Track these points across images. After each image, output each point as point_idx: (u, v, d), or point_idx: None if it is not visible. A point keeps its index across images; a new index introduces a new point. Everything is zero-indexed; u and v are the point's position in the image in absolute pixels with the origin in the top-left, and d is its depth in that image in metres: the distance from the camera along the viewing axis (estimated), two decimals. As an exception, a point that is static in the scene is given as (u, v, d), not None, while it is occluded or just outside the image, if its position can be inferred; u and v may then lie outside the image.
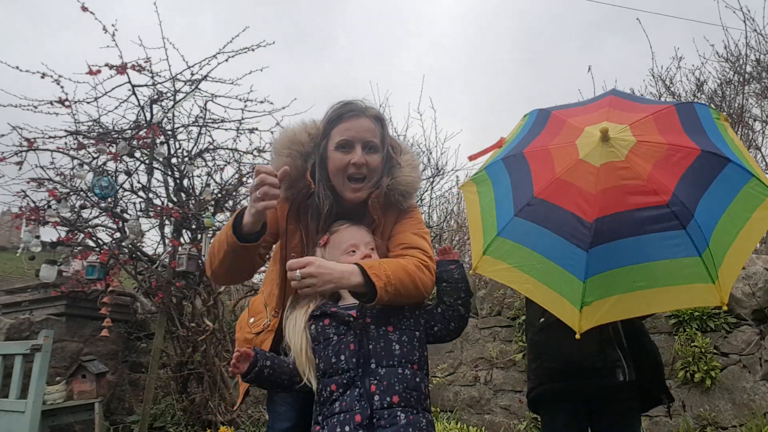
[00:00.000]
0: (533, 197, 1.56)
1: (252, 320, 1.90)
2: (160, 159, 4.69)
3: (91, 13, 4.17)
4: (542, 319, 1.96)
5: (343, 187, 1.71)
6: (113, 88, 4.46)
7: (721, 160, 1.43)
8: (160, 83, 4.58)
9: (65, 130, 4.54)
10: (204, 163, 5.04)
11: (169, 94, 4.66)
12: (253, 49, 4.59)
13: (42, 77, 4.21)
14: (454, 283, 1.67)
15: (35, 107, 4.37)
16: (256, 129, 4.97)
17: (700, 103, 1.61)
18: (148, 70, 4.48)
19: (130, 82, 4.43)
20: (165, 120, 4.75)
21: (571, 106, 1.77)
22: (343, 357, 1.55)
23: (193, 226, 4.78)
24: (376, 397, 1.51)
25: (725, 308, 1.48)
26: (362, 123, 1.71)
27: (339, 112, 1.72)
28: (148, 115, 4.59)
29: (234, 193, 5.10)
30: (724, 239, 1.40)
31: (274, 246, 1.88)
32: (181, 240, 4.75)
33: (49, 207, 4.32)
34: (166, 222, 4.84)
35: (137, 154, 4.70)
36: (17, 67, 4.21)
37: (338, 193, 1.73)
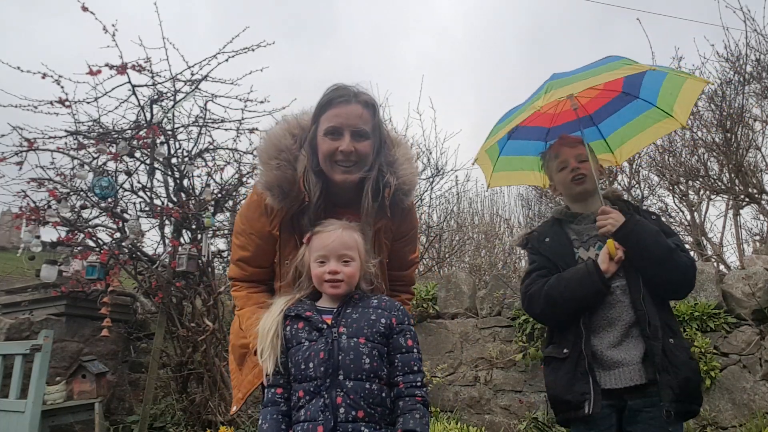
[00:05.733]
0: (519, 126, 2.33)
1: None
2: (160, 159, 4.69)
3: (92, 13, 4.17)
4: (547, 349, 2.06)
5: (332, 171, 1.69)
6: (113, 88, 4.46)
7: (630, 97, 2.28)
8: (160, 83, 4.59)
9: (65, 130, 4.54)
10: (204, 163, 5.04)
11: (169, 94, 4.66)
12: (253, 49, 4.59)
13: (42, 77, 4.21)
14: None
15: (35, 107, 4.37)
16: (256, 129, 4.97)
17: (654, 71, 2.11)
18: (148, 70, 4.48)
19: (130, 82, 4.43)
20: (165, 120, 4.75)
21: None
22: (311, 365, 1.54)
23: (193, 226, 4.78)
24: (342, 410, 1.50)
25: (618, 164, 2.58)
26: (352, 109, 1.68)
27: (329, 98, 1.70)
28: (148, 115, 4.59)
29: (234, 193, 5.11)
30: (622, 136, 2.42)
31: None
32: (181, 240, 4.75)
33: (49, 207, 4.32)
34: (166, 222, 4.84)
35: (137, 154, 4.71)
36: (18, 68, 4.21)
37: (328, 178, 1.71)
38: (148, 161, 4.68)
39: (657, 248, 1.88)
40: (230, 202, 5.13)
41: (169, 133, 4.79)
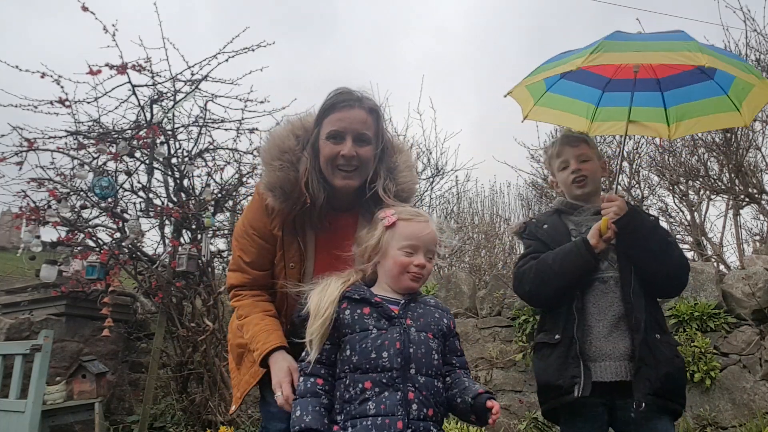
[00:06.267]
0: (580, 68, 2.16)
1: None
2: (160, 159, 4.69)
3: (92, 13, 4.17)
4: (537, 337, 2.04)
5: (333, 175, 1.69)
6: (113, 88, 4.46)
7: (705, 76, 2.16)
8: (160, 83, 4.59)
9: (65, 130, 4.55)
10: (204, 163, 5.04)
11: (169, 94, 4.66)
12: (253, 49, 4.60)
13: (42, 77, 4.21)
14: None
15: (35, 107, 4.37)
16: (256, 129, 4.98)
17: (721, 72, 2.05)
18: (148, 70, 4.48)
19: (130, 82, 4.43)
20: (165, 120, 4.75)
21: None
22: (386, 354, 1.41)
23: (193, 226, 4.78)
24: (414, 406, 1.39)
25: (670, 138, 2.41)
26: (355, 114, 1.67)
27: (333, 102, 1.69)
28: (148, 115, 4.59)
29: (234, 193, 5.11)
30: (684, 113, 2.28)
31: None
32: (181, 240, 4.75)
33: (49, 207, 4.32)
34: (166, 222, 4.84)
35: (137, 154, 4.71)
36: (17, 67, 4.22)
37: (330, 183, 1.71)
38: (148, 161, 4.68)
39: (654, 240, 1.90)
40: (230, 202, 5.14)
41: (169, 133, 4.79)
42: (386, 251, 1.56)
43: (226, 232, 5.21)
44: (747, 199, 6.07)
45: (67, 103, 4.38)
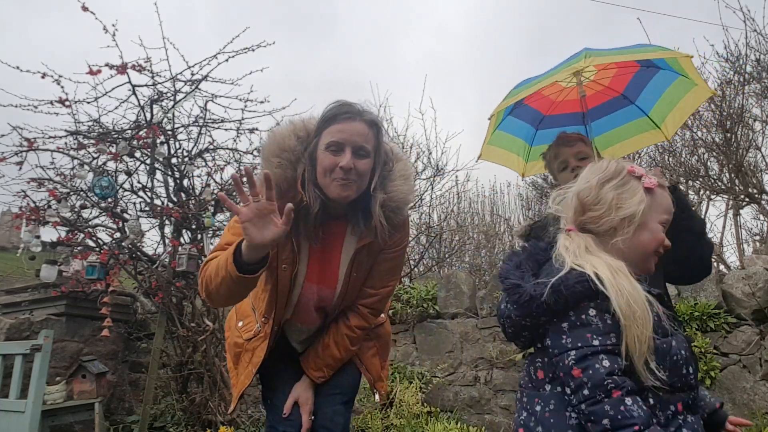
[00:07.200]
0: (522, 102, 2.31)
1: (241, 324, 1.88)
2: (160, 159, 4.69)
3: (92, 12, 4.17)
4: None
5: (329, 186, 1.66)
6: (113, 88, 4.45)
7: (654, 68, 2.25)
8: (160, 83, 4.59)
9: (65, 130, 4.54)
10: (204, 163, 5.04)
11: (169, 94, 4.66)
12: (253, 49, 4.59)
13: (42, 77, 4.21)
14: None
15: (35, 107, 4.37)
16: (256, 129, 4.97)
17: (668, 72, 2.13)
18: (148, 70, 4.48)
19: (130, 82, 4.42)
20: (165, 120, 4.75)
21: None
22: (690, 369, 1.17)
23: (193, 226, 4.78)
24: None
25: (668, 140, 2.60)
26: (355, 126, 1.66)
27: (333, 113, 1.68)
28: (148, 115, 4.59)
29: (234, 193, 5.10)
30: (607, 141, 2.37)
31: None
32: (181, 240, 4.74)
33: (49, 207, 4.32)
34: (166, 222, 4.84)
35: (137, 154, 4.71)
36: (17, 67, 4.21)
37: (326, 194, 1.69)
38: (148, 161, 4.68)
39: (698, 219, 1.89)
40: (230, 202, 5.13)
41: (169, 133, 4.78)
42: (645, 222, 1.22)
43: (226, 232, 5.20)
44: (747, 199, 6.07)
45: (67, 103, 4.37)
